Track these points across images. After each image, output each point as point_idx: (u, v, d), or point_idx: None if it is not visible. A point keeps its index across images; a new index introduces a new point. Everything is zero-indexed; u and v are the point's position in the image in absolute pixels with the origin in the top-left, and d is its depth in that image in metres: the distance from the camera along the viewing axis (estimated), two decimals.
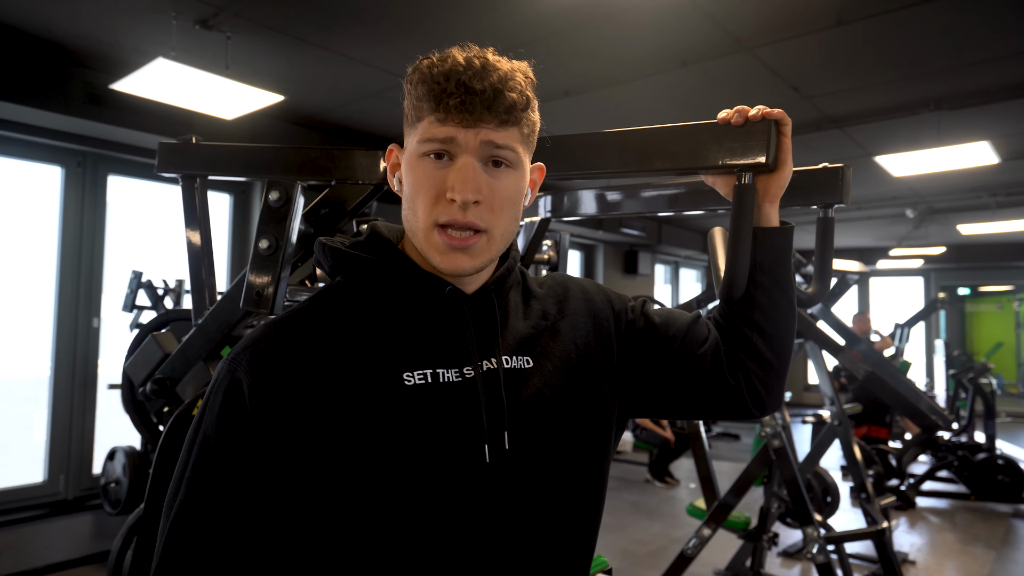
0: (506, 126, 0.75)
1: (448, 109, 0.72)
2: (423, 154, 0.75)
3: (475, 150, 0.74)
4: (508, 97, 0.73)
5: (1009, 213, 7.10)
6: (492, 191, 0.75)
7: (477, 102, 0.72)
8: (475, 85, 0.72)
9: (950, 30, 3.15)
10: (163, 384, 1.48)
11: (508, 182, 0.77)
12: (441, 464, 0.73)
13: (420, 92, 0.74)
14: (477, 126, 0.73)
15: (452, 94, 0.72)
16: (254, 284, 1.25)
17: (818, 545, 2.66)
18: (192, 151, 1.44)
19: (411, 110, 0.77)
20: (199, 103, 3.50)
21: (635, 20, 3.05)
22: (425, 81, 0.74)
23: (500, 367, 0.79)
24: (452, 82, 0.72)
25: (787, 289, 0.94)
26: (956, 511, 5.35)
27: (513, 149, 0.76)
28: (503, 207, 0.77)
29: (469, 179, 0.73)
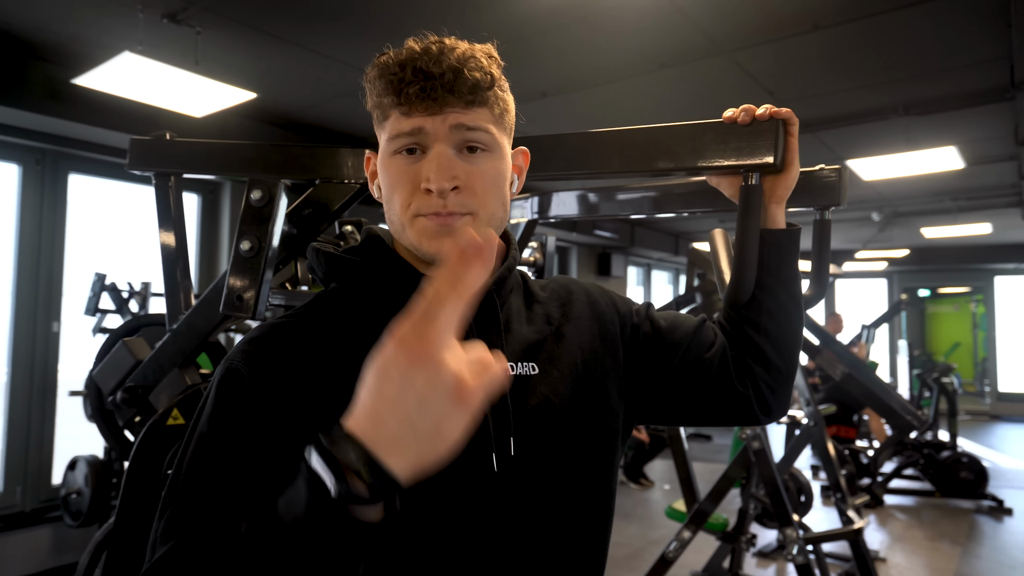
0: (473, 107, 0.71)
1: (409, 98, 0.69)
2: (395, 152, 0.72)
3: (445, 137, 0.71)
4: (470, 76, 0.70)
5: (969, 217, 7.31)
6: (470, 176, 0.72)
7: (437, 85, 0.69)
8: (433, 69, 0.69)
9: (922, 37, 3.20)
10: (135, 393, 1.41)
11: (487, 166, 0.73)
12: (447, 473, 0.69)
13: (379, 87, 0.72)
14: (443, 111, 0.70)
15: (410, 82, 0.69)
16: (235, 287, 1.19)
17: (798, 546, 2.67)
18: (166, 148, 1.38)
19: (375, 109, 0.74)
20: (167, 99, 3.39)
21: (615, 22, 3.04)
22: (383, 75, 0.71)
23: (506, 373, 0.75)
24: (408, 70, 0.69)
25: (795, 292, 0.92)
26: (922, 508, 5.47)
27: (486, 130, 0.73)
28: (486, 190, 0.73)
29: (443, 166, 0.70)
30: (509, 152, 0.78)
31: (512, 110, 0.78)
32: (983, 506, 5.37)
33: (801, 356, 1.01)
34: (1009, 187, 6.12)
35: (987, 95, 3.85)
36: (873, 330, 6.81)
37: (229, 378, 0.69)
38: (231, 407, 0.67)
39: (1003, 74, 3.58)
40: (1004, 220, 7.45)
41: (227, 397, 0.68)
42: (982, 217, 7.34)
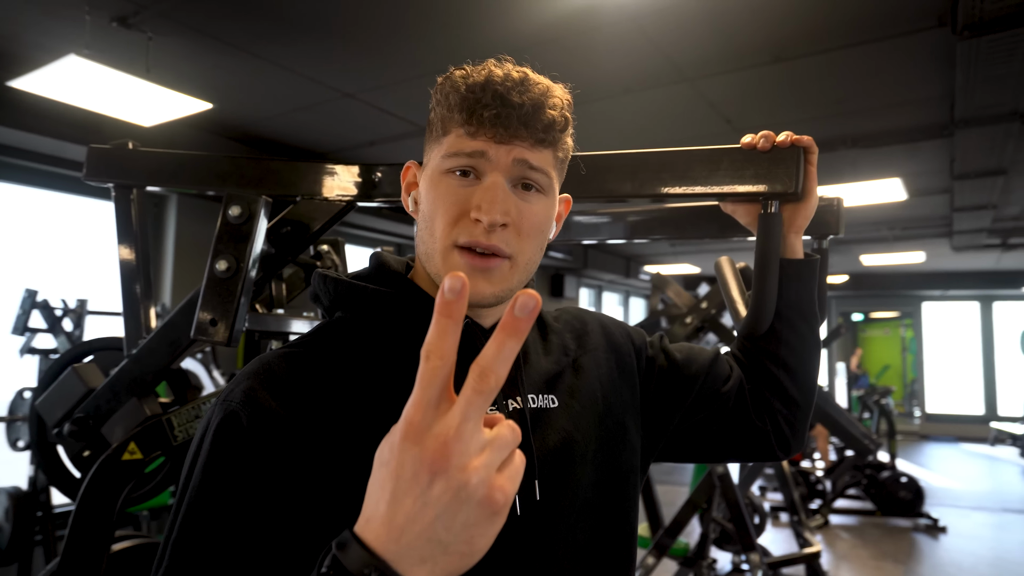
0: (542, 146, 0.68)
1: (482, 121, 0.65)
2: (447, 170, 0.68)
3: (506, 169, 0.67)
4: (548, 115, 0.67)
5: (904, 245, 7.68)
6: (521, 214, 0.68)
7: (514, 116, 0.65)
8: (513, 98, 0.66)
9: (874, 73, 3.34)
10: (85, 424, 1.28)
11: (538, 207, 0.70)
12: None
13: (451, 102, 0.67)
14: (511, 143, 0.66)
15: (487, 105, 0.65)
16: (208, 310, 1.09)
17: (761, 570, 2.67)
18: (129, 158, 1.27)
19: (438, 122, 0.70)
20: (114, 107, 3.21)
21: (583, 47, 3.06)
22: (457, 90, 0.67)
23: (526, 406, 0.70)
24: (488, 93, 0.65)
25: (813, 324, 0.90)
26: (864, 527, 5.62)
27: (547, 173, 0.69)
28: (531, 234, 0.69)
29: (498, 199, 0.65)
30: (557, 197, 0.74)
31: (570, 157, 0.75)
32: (920, 524, 5.56)
33: None
34: (940, 218, 6.46)
35: (928, 131, 4.05)
36: None
37: (227, 425, 0.61)
38: (229, 460, 0.60)
39: (944, 112, 3.77)
40: (935, 249, 7.86)
41: (224, 448, 0.60)
42: (915, 246, 7.72)
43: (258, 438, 0.60)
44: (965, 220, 5.83)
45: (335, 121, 4.11)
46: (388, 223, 5.94)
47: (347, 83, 3.56)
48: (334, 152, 4.81)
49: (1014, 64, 2.83)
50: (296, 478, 0.60)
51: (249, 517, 0.58)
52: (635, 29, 2.89)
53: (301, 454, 0.60)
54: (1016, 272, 9.46)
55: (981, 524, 5.72)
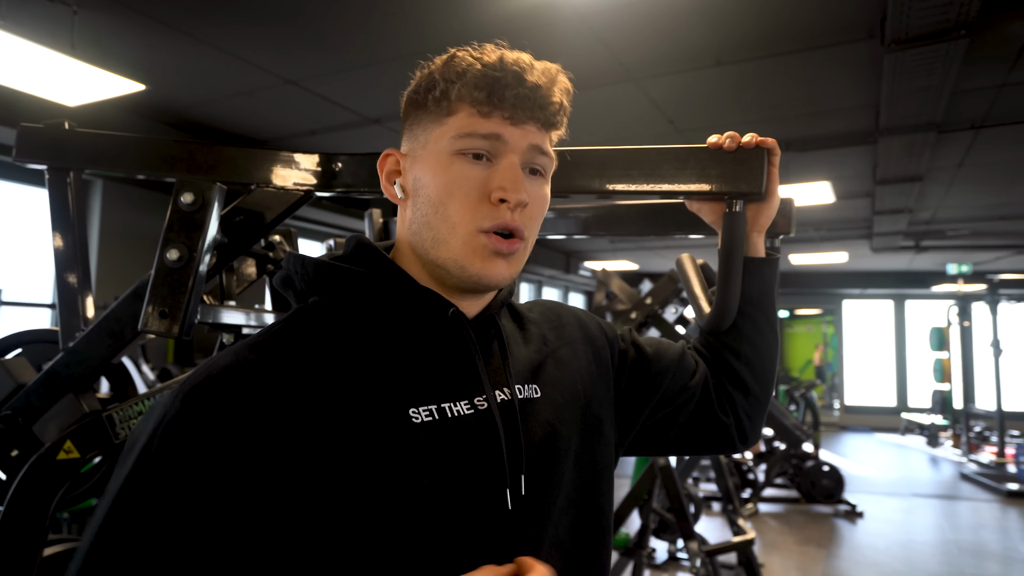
0: (549, 129, 0.69)
1: (502, 99, 0.64)
2: (459, 151, 0.66)
3: (521, 153, 0.66)
4: (559, 99, 0.68)
5: (829, 246, 8.08)
6: (531, 197, 0.68)
7: (531, 97, 0.65)
8: (530, 78, 0.65)
9: (807, 81, 3.50)
10: (12, 422, 1.19)
11: (543, 191, 0.71)
12: (462, 514, 0.62)
13: (467, 79, 0.65)
14: (525, 125, 0.66)
15: (508, 84, 0.64)
16: (158, 301, 1.04)
17: (700, 558, 2.77)
18: (66, 139, 1.19)
19: (440, 101, 0.67)
20: (34, 84, 3.00)
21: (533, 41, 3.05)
22: (472, 69, 0.65)
23: (515, 398, 0.69)
24: (508, 73, 0.65)
25: (773, 320, 0.93)
26: (790, 514, 5.89)
27: (551, 157, 0.70)
28: (538, 217, 0.70)
29: (520, 178, 0.65)
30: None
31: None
32: (840, 510, 5.87)
33: None
34: (862, 221, 6.82)
35: (855, 137, 4.27)
36: None
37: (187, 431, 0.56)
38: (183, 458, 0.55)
39: (870, 120, 3.98)
40: (856, 250, 8.30)
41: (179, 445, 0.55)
42: (840, 247, 8.13)
43: (223, 437, 0.55)
44: (884, 223, 6.18)
45: (276, 108, 3.98)
46: (334, 216, 5.81)
47: (289, 69, 3.45)
48: (273, 140, 4.65)
49: (934, 77, 3.02)
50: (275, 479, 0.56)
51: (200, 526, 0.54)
52: (584, 27, 2.92)
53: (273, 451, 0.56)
54: (927, 273, 10.11)
55: (894, 508, 6.10)
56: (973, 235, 7.34)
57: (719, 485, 3.58)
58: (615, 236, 1.33)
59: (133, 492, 0.55)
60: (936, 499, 6.54)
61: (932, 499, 6.53)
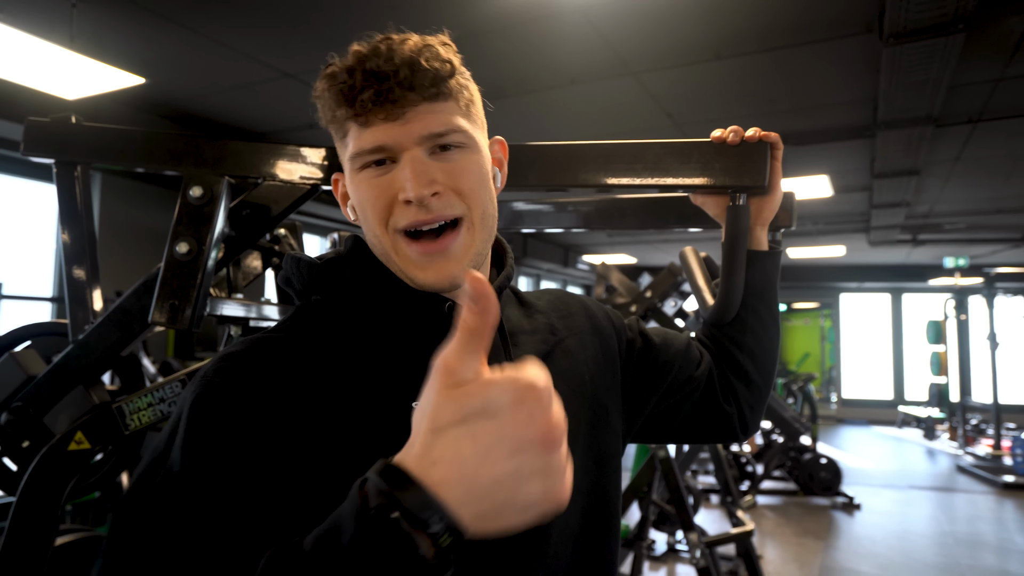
0: (437, 100, 0.65)
1: (365, 105, 0.62)
2: (360, 168, 0.65)
3: (414, 142, 0.64)
4: (429, 67, 0.63)
5: (827, 240, 8.10)
6: (451, 176, 0.65)
7: (393, 85, 0.62)
8: (385, 67, 0.62)
9: (805, 75, 3.51)
10: (23, 413, 1.20)
11: (466, 162, 0.67)
12: None
13: (331, 100, 0.64)
14: (405, 114, 0.63)
15: (363, 87, 0.62)
16: (168, 294, 1.05)
17: (700, 549, 2.79)
18: (73, 133, 1.20)
19: (331, 124, 0.67)
20: (32, 77, 2.99)
21: (532, 35, 3.07)
22: (331, 85, 0.64)
23: None
24: (359, 74, 0.62)
25: (776, 313, 0.95)
26: (788, 506, 5.93)
27: (457, 128, 0.66)
28: (472, 188, 0.67)
29: (419, 171, 0.63)
30: (486, 144, 0.72)
31: (479, 99, 0.72)
32: (837, 503, 5.91)
33: None
34: (859, 215, 6.85)
35: (853, 131, 4.28)
36: None
37: (206, 395, 0.59)
38: (210, 429, 0.57)
39: (868, 114, 3.99)
40: (853, 244, 8.32)
41: (205, 418, 0.57)
42: (837, 240, 8.15)
43: (240, 406, 0.58)
44: (882, 216, 6.20)
45: (274, 101, 3.97)
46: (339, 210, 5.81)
47: (288, 63, 3.45)
48: (271, 133, 4.65)
49: (931, 72, 3.03)
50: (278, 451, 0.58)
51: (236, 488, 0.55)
52: (583, 21, 2.93)
53: (284, 429, 0.58)
54: (924, 266, 10.15)
55: (891, 501, 6.14)
56: (970, 228, 7.37)
57: (718, 477, 3.61)
58: (616, 230, 1.34)
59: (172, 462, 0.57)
60: (933, 491, 6.58)
61: (929, 491, 6.57)
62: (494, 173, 0.73)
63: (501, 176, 0.76)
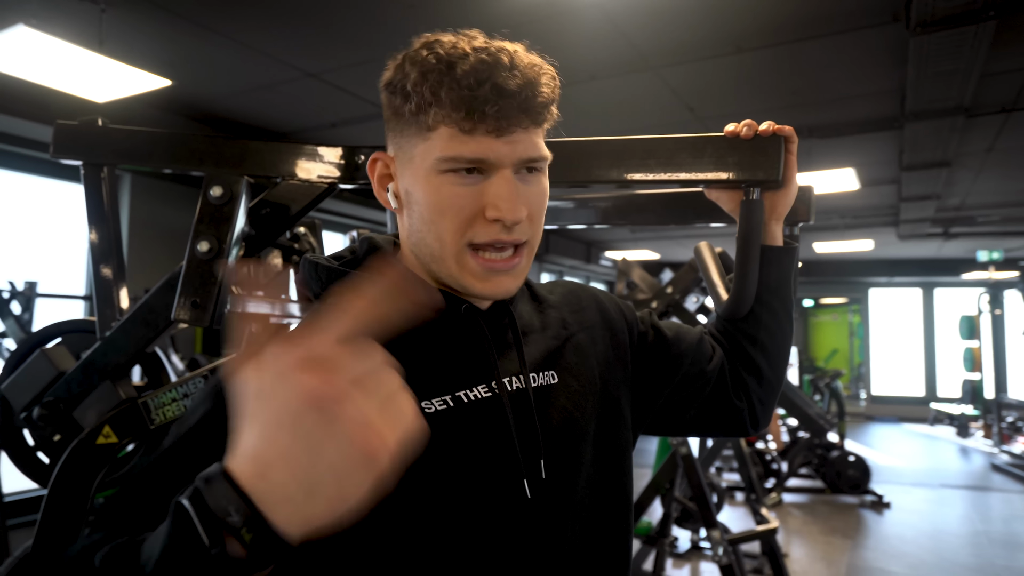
0: (538, 126, 0.67)
1: (484, 117, 0.62)
2: (446, 171, 0.65)
3: (513, 162, 0.65)
4: (543, 95, 0.65)
5: (854, 234, 7.95)
6: (530, 201, 0.68)
7: (513, 106, 0.63)
8: (509, 84, 0.62)
9: (828, 66, 3.45)
10: (55, 408, 1.24)
11: (542, 187, 0.70)
12: (477, 494, 0.65)
13: (442, 97, 0.62)
14: (511, 132, 0.63)
15: (487, 100, 0.61)
16: (190, 291, 1.08)
17: (723, 547, 2.77)
18: (100, 135, 1.23)
19: (419, 114, 0.65)
20: (65, 81, 3.07)
21: (550, 32, 3.06)
22: (446, 84, 0.62)
23: (528, 386, 0.71)
24: (487, 86, 0.61)
25: (790, 308, 0.94)
26: (815, 504, 5.86)
27: (544, 156, 0.68)
28: (539, 214, 0.70)
29: (515, 195, 0.64)
30: None
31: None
32: (866, 501, 5.82)
33: None
34: (888, 208, 6.71)
35: (880, 123, 4.20)
36: None
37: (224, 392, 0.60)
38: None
39: (895, 105, 3.91)
40: (882, 237, 8.16)
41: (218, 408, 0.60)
42: (865, 234, 8.00)
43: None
44: (911, 210, 6.07)
45: (297, 101, 4.03)
46: (357, 208, 5.87)
47: (310, 63, 3.49)
48: (295, 133, 4.71)
49: (961, 61, 2.96)
50: None
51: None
52: (602, 16, 2.91)
53: None
54: (956, 260, 9.91)
55: (921, 500, 6.03)
56: (1004, 221, 7.17)
57: (742, 474, 3.57)
58: (635, 225, 1.34)
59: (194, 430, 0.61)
60: (966, 490, 6.44)
61: (962, 490, 6.43)
62: None
63: None
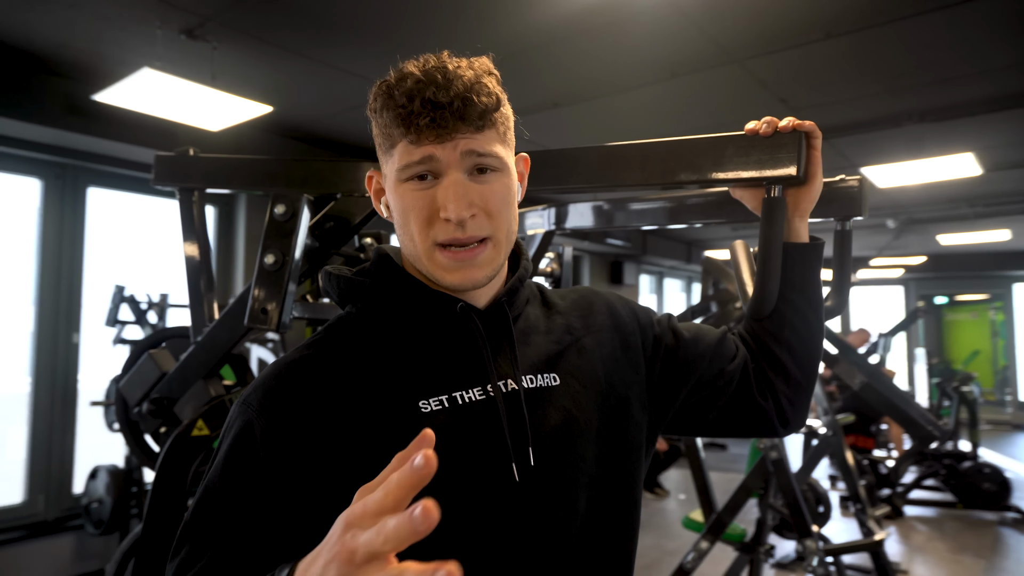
0: (482, 131, 0.72)
1: (420, 129, 0.69)
2: (406, 179, 0.72)
3: (457, 163, 0.71)
4: (479, 102, 0.70)
5: (987, 223, 7.23)
6: (484, 198, 0.73)
7: (447, 115, 0.69)
8: (441, 98, 0.69)
9: (934, 44, 3.19)
10: (160, 404, 1.42)
11: (497, 186, 0.74)
12: (468, 487, 0.70)
13: (387, 119, 0.71)
14: (453, 138, 0.70)
15: (419, 113, 0.69)
16: (259, 300, 1.21)
17: (817, 557, 2.64)
18: (190, 164, 1.40)
19: (381, 137, 0.74)
20: (184, 114, 3.44)
21: (625, 32, 3.06)
22: (389, 107, 0.71)
23: (521, 388, 0.75)
24: (417, 101, 0.69)
25: (817, 307, 0.92)
26: (944, 520, 5.38)
27: (495, 154, 0.73)
28: (499, 210, 0.74)
29: (460, 195, 0.70)
30: (513, 163, 0.78)
31: (512, 123, 0.79)
32: (1007, 518, 5.28)
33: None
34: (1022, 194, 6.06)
35: (1003, 101, 3.82)
36: (890, 339, 6.74)
37: (243, 433, 0.70)
38: (241, 464, 0.68)
39: (1019, 80, 3.55)
40: (1021, 227, 7.37)
41: (239, 453, 0.69)
42: (1000, 223, 7.26)
43: (269, 446, 0.68)
44: None
45: None
46: None
47: None
48: None
49: None
50: (302, 480, 0.67)
51: (253, 516, 0.66)
52: (675, 12, 2.87)
53: (309, 455, 0.68)
54: None
55: None
56: None
57: (846, 484, 3.37)
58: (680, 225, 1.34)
59: (209, 483, 0.69)
60: None
61: None
62: (517, 188, 0.80)
63: (522, 188, 0.83)
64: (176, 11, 2.89)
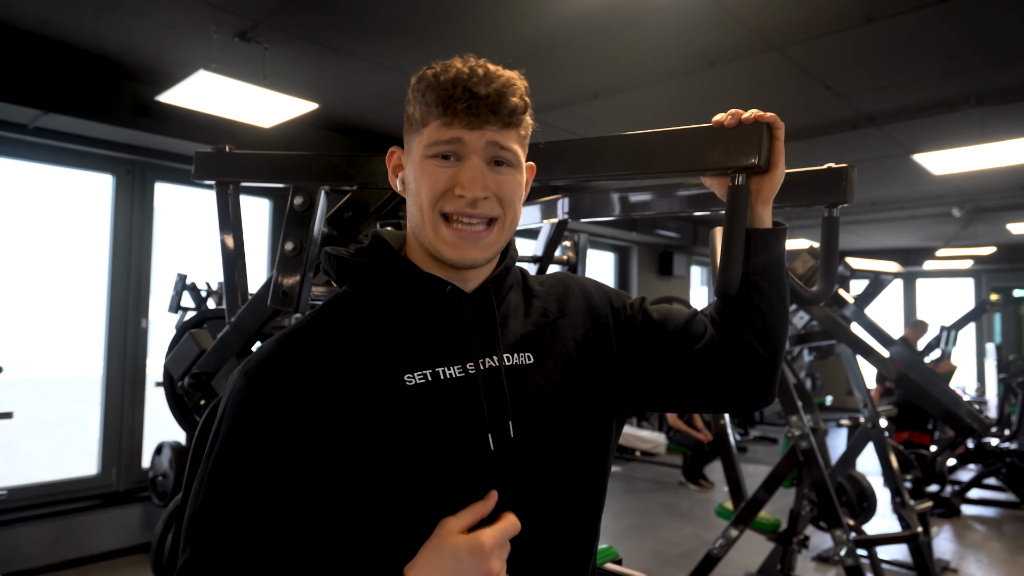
0: (508, 128, 0.80)
1: (456, 112, 0.78)
2: (431, 155, 0.80)
3: (481, 151, 0.79)
4: (511, 101, 0.79)
5: None
6: (499, 185, 0.81)
7: (483, 105, 0.78)
8: (480, 90, 0.78)
9: (988, 25, 3.07)
10: (199, 379, 1.57)
11: (511, 178, 0.82)
12: (446, 455, 0.77)
13: (428, 99, 0.79)
14: (482, 128, 0.78)
15: (459, 99, 0.77)
16: (280, 284, 1.32)
17: (846, 548, 2.63)
18: (225, 159, 1.53)
19: (417, 115, 0.82)
20: (239, 112, 3.64)
21: (661, 22, 3.07)
22: (432, 88, 0.79)
23: (501, 365, 0.83)
24: (459, 88, 0.78)
25: (780, 289, 0.96)
26: (1004, 520, 5.17)
27: (514, 151, 0.82)
28: (510, 199, 0.83)
29: (478, 177, 0.79)
30: (524, 169, 0.87)
31: (530, 132, 0.87)
32: None
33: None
34: None
35: None
36: (955, 332, 6.44)
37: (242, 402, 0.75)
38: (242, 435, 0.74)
39: None
40: None
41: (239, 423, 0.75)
42: None
43: (266, 408, 0.74)
44: None
45: None
46: None
47: None
48: None
49: None
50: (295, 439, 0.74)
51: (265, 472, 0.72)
52: (711, 3, 2.87)
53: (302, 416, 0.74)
54: None
55: None
56: None
57: (884, 477, 3.31)
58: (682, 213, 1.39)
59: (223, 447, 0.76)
60: None
61: None
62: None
63: (524, 193, 0.91)
64: (230, 16, 3.08)
